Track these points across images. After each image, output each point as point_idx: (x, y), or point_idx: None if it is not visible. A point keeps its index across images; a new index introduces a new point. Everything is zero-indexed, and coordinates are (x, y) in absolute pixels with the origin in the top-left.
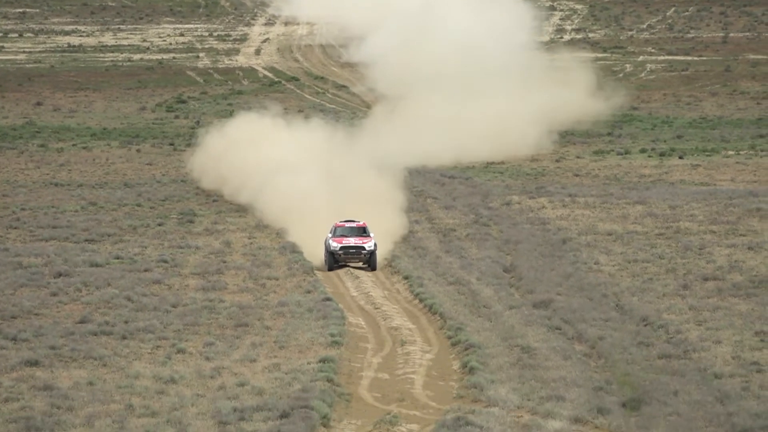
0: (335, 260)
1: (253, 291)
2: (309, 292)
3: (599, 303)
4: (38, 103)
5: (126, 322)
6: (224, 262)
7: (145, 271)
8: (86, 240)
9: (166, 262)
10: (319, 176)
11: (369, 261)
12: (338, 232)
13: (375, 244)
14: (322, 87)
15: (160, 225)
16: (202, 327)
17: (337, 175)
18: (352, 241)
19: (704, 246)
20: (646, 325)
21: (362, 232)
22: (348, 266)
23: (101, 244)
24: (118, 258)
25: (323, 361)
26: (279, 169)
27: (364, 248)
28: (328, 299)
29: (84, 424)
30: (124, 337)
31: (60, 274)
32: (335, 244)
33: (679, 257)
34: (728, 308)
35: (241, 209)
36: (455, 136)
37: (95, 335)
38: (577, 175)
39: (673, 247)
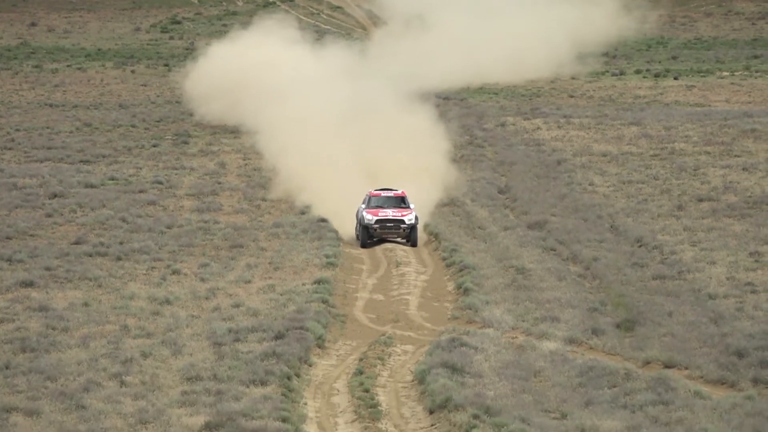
0: (370, 235)
1: (248, 212)
2: (304, 213)
3: (594, 224)
4: (32, 24)
5: (121, 243)
6: (219, 183)
7: (140, 192)
8: (81, 161)
9: (161, 183)
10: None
11: (409, 236)
12: (373, 202)
13: (416, 217)
14: (317, 8)
15: (154, 146)
16: (197, 248)
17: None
18: (389, 213)
19: (699, 167)
20: (640, 246)
21: (401, 202)
22: (386, 241)
23: (96, 165)
24: (113, 179)
25: (318, 282)
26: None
27: (403, 221)
28: (323, 220)
29: (79, 345)
30: (119, 258)
31: (55, 195)
32: (370, 217)
33: (673, 178)
34: (723, 229)
35: (236, 130)
36: (473, 58)
37: (90, 256)
38: (572, 96)
39: (667, 168)
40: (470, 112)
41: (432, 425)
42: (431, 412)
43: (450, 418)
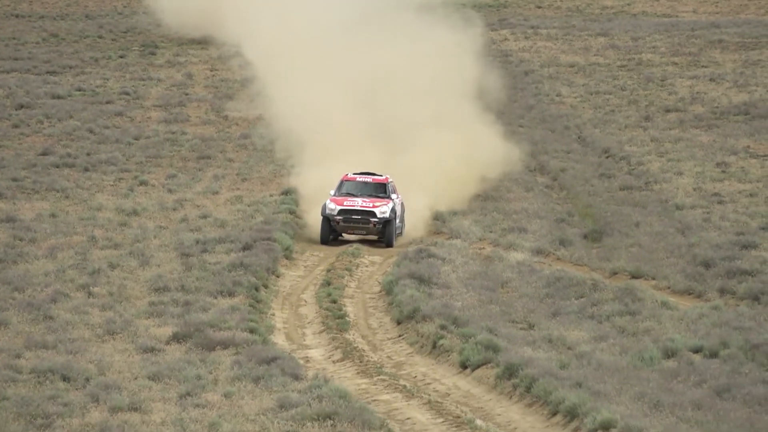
0: (331, 229)
1: (215, 123)
2: (271, 124)
3: (561, 135)
4: None
5: (88, 154)
6: (186, 94)
7: (107, 103)
8: (48, 72)
9: (128, 94)
10: None
11: (382, 233)
12: (344, 188)
13: (393, 210)
14: None
15: (121, 57)
16: (165, 159)
17: None
18: (358, 203)
19: (666, 78)
20: (607, 157)
21: (379, 190)
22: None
23: (63, 76)
24: (79, 90)
25: (285, 193)
26: None
27: (373, 214)
28: (291, 132)
29: (47, 256)
30: (86, 170)
31: (22, 106)
32: (333, 206)
33: (641, 89)
34: (690, 140)
35: (204, 42)
36: None
37: (57, 167)
38: (539, 7)
39: (635, 78)
40: None
41: (399, 336)
42: (399, 323)
43: (417, 328)
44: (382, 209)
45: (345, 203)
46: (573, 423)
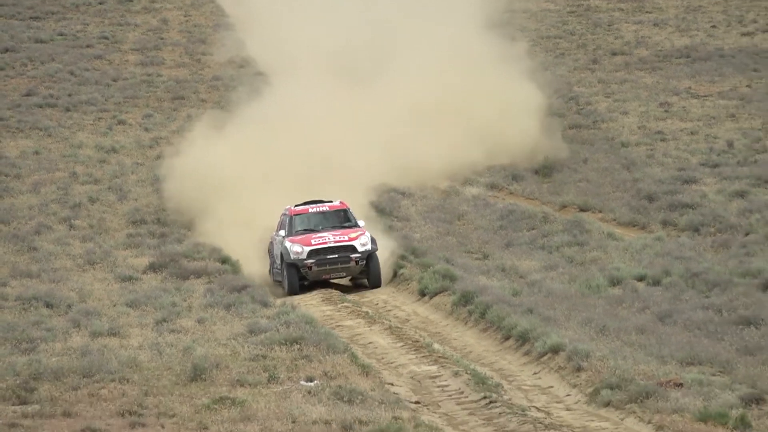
0: (301, 276)
1: (189, 66)
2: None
3: None
4: None
5: (69, 95)
6: (162, 39)
7: (87, 47)
8: (31, 17)
9: (106, 38)
10: None
11: (367, 270)
12: (298, 224)
13: (372, 239)
14: None
15: (100, 3)
16: (141, 100)
17: None
18: (329, 238)
19: (613, 23)
20: (558, 98)
21: (343, 219)
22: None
23: (45, 21)
24: (61, 35)
25: None
26: None
27: (353, 249)
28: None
29: (31, 191)
30: (68, 109)
31: (6, 50)
32: (298, 248)
33: (589, 33)
34: (635, 81)
35: None
36: None
37: (41, 107)
38: None
39: (583, 23)
40: None
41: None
42: None
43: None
44: (362, 240)
45: (312, 241)
46: (524, 347)
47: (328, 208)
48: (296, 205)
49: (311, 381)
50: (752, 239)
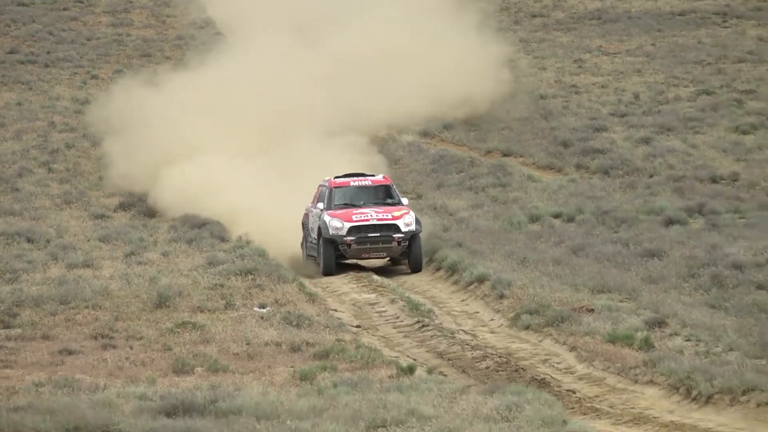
0: (339, 254)
1: (155, 27)
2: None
3: None
4: None
5: (48, 52)
6: (131, 2)
7: (64, 9)
8: None
9: (81, 2)
10: None
11: (408, 253)
12: (338, 197)
13: (417, 220)
14: None
15: None
16: (112, 57)
17: None
18: (371, 215)
19: None
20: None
21: (386, 195)
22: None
23: None
24: None
25: None
26: None
27: (396, 228)
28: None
29: (13, 138)
30: (47, 66)
31: None
32: (338, 224)
33: None
34: (552, 40)
35: None
36: None
37: (22, 63)
38: None
39: None
40: None
41: None
42: None
43: None
44: (406, 220)
45: (353, 217)
46: (454, 276)
47: (370, 182)
48: (336, 177)
49: (264, 307)
50: (655, 181)
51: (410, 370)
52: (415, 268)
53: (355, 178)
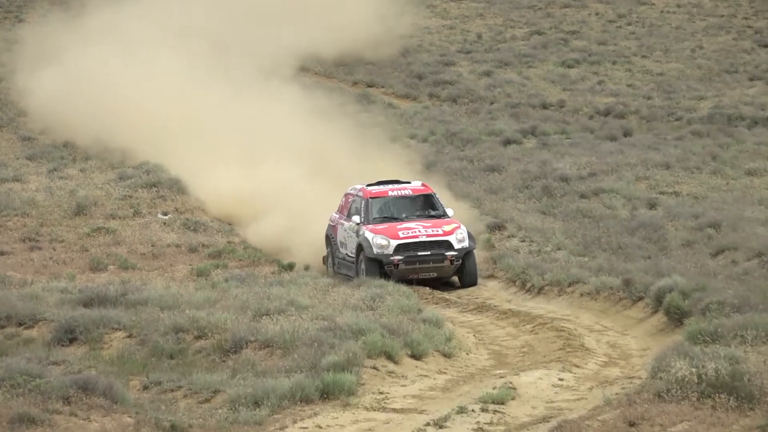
0: (385, 273)
1: None
2: None
3: None
4: None
5: None
6: None
7: None
8: None
9: None
10: None
11: (461, 271)
12: (375, 209)
13: (469, 235)
14: None
15: None
16: (39, 2)
17: None
18: (419, 230)
19: None
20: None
21: (428, 205)
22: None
23: None
24: None
25: None
26: None
27: (449, 245)
28: None
29: None
30: None
31: None
32: (382, 241)
33: None
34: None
35: None
36: None
37: None
38: None
39: None
40: None
41: None
42: None
43: None
44: (458, 236)
45: (400, 233)
46: None
47: (411, 191)
48: (369, 185)
49: (166, 215)
50: (495, 107)
51: (290, 267)
52: (470, 283)
53: (392, 187)
